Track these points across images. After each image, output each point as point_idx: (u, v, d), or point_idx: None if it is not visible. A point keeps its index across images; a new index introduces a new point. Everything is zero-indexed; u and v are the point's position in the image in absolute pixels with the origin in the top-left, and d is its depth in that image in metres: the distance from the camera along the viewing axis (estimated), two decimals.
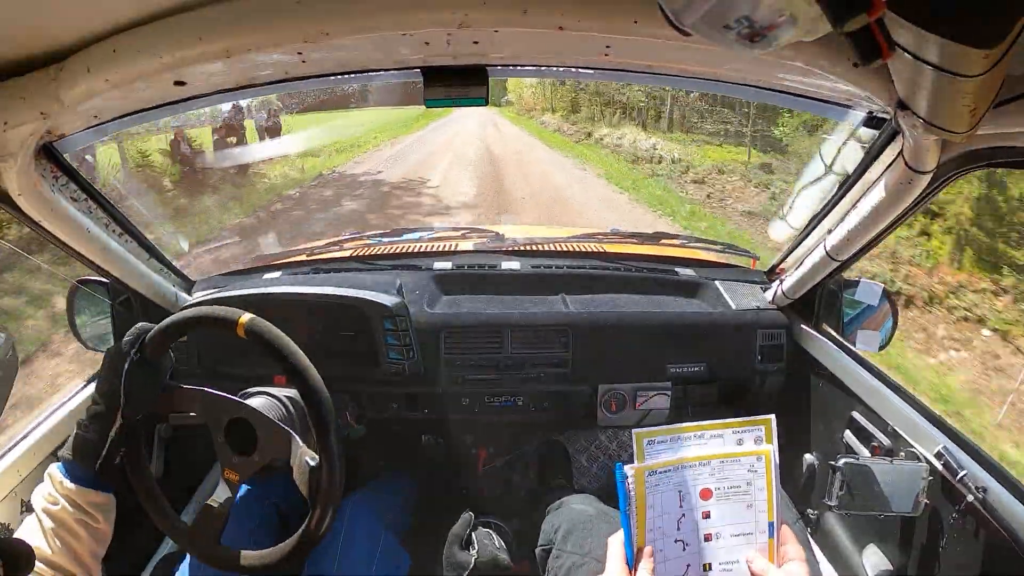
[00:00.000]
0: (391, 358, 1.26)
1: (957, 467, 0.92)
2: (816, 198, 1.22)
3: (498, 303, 1.39)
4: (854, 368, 1.21)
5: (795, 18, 0.28)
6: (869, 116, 0.88)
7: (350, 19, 0.57)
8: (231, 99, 0.91)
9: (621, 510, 0.62)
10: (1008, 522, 0.84)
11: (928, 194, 0.91)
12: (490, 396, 1.36)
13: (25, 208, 0.85)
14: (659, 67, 0.84)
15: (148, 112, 0.87)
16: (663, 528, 0.62)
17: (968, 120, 0.57)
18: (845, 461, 1.01)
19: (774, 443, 0.64)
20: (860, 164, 1.02)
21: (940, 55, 0.43)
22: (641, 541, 0.62)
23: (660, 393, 1.38)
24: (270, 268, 1.53)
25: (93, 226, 1.01)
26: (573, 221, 7.42)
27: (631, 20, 0.57)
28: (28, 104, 0.66)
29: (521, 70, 0.87)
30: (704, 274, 1.53)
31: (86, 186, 1.00)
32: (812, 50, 0.62)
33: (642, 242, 1.63)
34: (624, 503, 0.62)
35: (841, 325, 1.29)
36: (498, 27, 0.61)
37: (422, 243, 1.65)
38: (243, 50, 0.59)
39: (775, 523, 0.63)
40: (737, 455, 0.64)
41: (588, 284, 1.46)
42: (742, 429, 0.64)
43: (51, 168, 0.91)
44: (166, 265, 1.30)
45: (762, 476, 0.63)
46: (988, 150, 0.79)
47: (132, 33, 0.60)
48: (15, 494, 0.97)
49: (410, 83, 0.87)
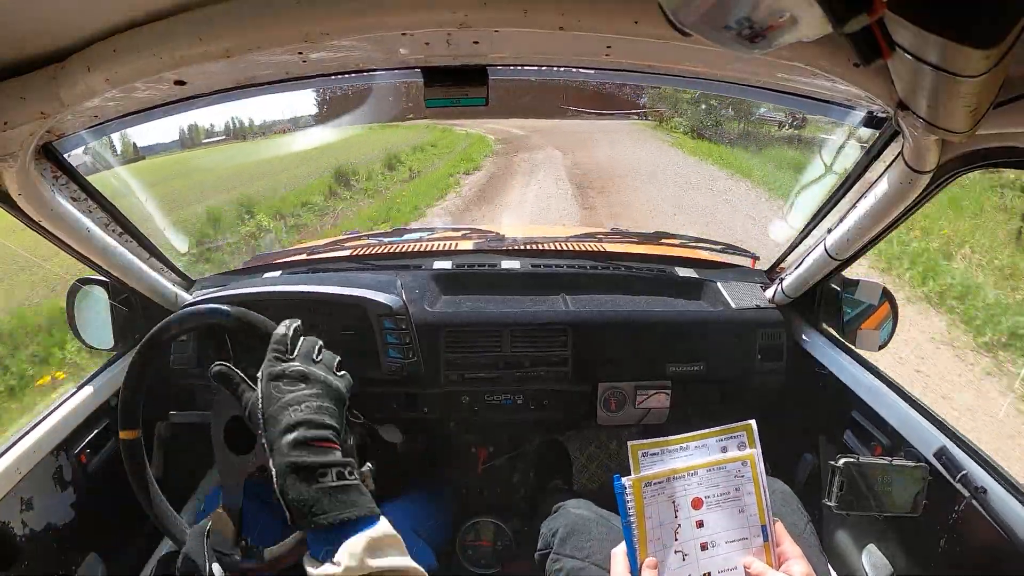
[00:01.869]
0: (391, 357, 1.27)
1: (957, 467, 0.92)
2: (816, 198, 1.22)
3: (498, 302, 1.39)
4: (854, 368, 1.21)
5: (795, 18, 0.28)
6: (869, 116, 0.88)
7: (350, 19, 0.57)
8: (231, 99, 0.91)
9: (623, 522, 0.63)
10: (1008, 522, 0.84)
11: (928, 194, 0.91)
12: (490, 395, 1.37)
13: (25, 208, 0.86)
14: (659, 67, 0.84)
15: (148, 112, 0.87)
16: (663, 539, 0.63)
17: (968, 120, 0.57)
18: (845, 461, 1.01)
19: (757, 447, 0.65)
20: (860, 164, 1.02)
21: (940, 55, 0.43)
22: (644, 553, 0.62)
23: (660, 392, 1.38)
24: (270, 267, 1.53)
25: (93, 226, 1.01)
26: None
27: (631, 20, 0.57)
28: (28, 104, 0.66)
29: (522, 70, 0.87)
30: (704, 274, 1.53)
31: (86, 186, 1.00)
32: (812, 50, 0.62)
33: (642, 242, 1.64)
34: (624, 515, 0.63)
35: (841, 325, 1.29)
36: (498, 27, 0.61)
37: (422, 243, 1.65)
38: (243, 50, 0.59)
39: (768, 525, 0.64)
40: (722, 462, 0.64)
41: (588, 284, 1.46)
42: (725, 436, 0.66)
43: (51, 168, 0.91)
44: (166, 264, 1.30)
45: (749, 480, 0.64)
46: (988, 150, 0.79)
47: (132, 33, 0.60)
48: (15, 494, 0.98)
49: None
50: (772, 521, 0.64)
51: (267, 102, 1.15)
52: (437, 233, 1.72)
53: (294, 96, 2.82)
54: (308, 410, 0.65)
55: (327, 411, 0.67)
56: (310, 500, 0.61)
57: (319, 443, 0.64)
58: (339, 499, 0.61)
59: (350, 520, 0.60)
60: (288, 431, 0.64)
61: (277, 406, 0.66)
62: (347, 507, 0.61)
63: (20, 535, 0.98)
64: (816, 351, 1.34)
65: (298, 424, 0.64)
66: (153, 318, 0.88)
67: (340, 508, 0.61)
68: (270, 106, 14.20)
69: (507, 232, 1.66)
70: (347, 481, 0.63)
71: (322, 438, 0.65)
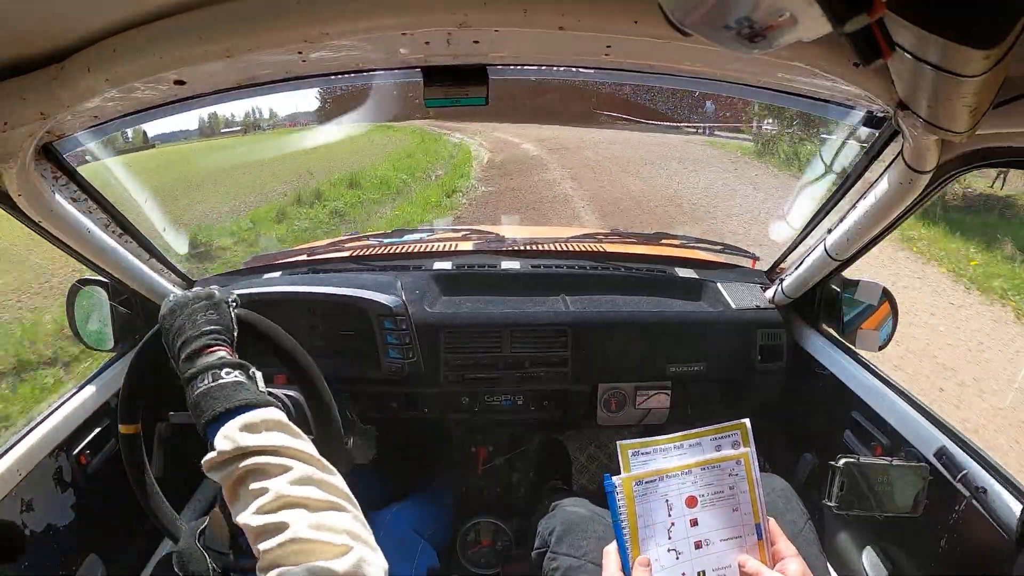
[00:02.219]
0: (391, 357, 1.27)
1: (957, 467, 0.92)
2: (816, 198, 1.22)
3: (498, 303, 1.39)
4: (854, 368, 1.21)
5: (795, 18, 0.28)
6: (869, 116, 0.88)
7: (350, 19, 0.57)
8: (232, 99, 0.91)
9: (614, 521, 0.63)
10: (1008, 522, 0.84)
11: (928, 194, 0.91)
12: (490, 395, 1.37)
13: (25, 208, 0.85)
14: (659, 67, 0.84)
15: (148, 112, 0.87)
16: (655, 538, 0.63)
17: (968, 120, 0.57)
18: (845, 461, 1.01)
19: (751, 446, 0.65)
20: (860, 164, 1.02)
21: (940, 55, 0.43)
22: (636, 551, 0.62)
23: (660, 392, 1.38)
24: (270, 268, 1.53)
25: (93, 226, 1.01)
26: None
27: (631, 20, 0.57)
28: (28, 104, 0.66)
29: (522, 70, 0.87)
30: (704, 274, 1.53)
31: (86, 186, 1.00)
32: (812, 50, 0.62)
33: (642, 242, 1.64)
34: (616, 514, 0.63)
35: (841, 325, 1.29)
36: (499, 27, 0.61)
37: (422, 243, 1.65)
38: (243, 50, 0.59)
39: (762, 524, 0.64)
40: (717, 461, 0.65)
41: (588, 284, 1.46)
42: (719, 435, 0.66)
43: (51, 168, 0.91)
44: (166, 265, 1.30)
45: (743, 479, 0.64)
46: (988, 150, 0.79)
47: (132, 33, 0.60)
48: (15, 494, 0.97)
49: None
50: (766, 520, 0.65)
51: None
52: (437, 234, 1.72)
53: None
54: (190, 326, 0.71)
55: (206, 320, 0.72)
56: (194, 405, 0.64)
57: (202, 351, 0.68)
58: (216, 396, 0.63)
59: (227, 411, 0.62)
60: (181, 348, 0.69)
61: (172, 337, 0.72)
62: (223, 401, 0.63)
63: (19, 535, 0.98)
64: (816, 351, 1.34)
65: (188, 340, 0.69)
66: (153, 318, 0.88)
67: (218, 403, 0.62)
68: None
69: (507, 233, 1.66)
70: (223, 380, 0.64)
71: (204, 344, 0.69)
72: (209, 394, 0.63)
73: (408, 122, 12.91)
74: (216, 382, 0.64)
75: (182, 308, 0.74)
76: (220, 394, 0.63)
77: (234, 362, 0.68)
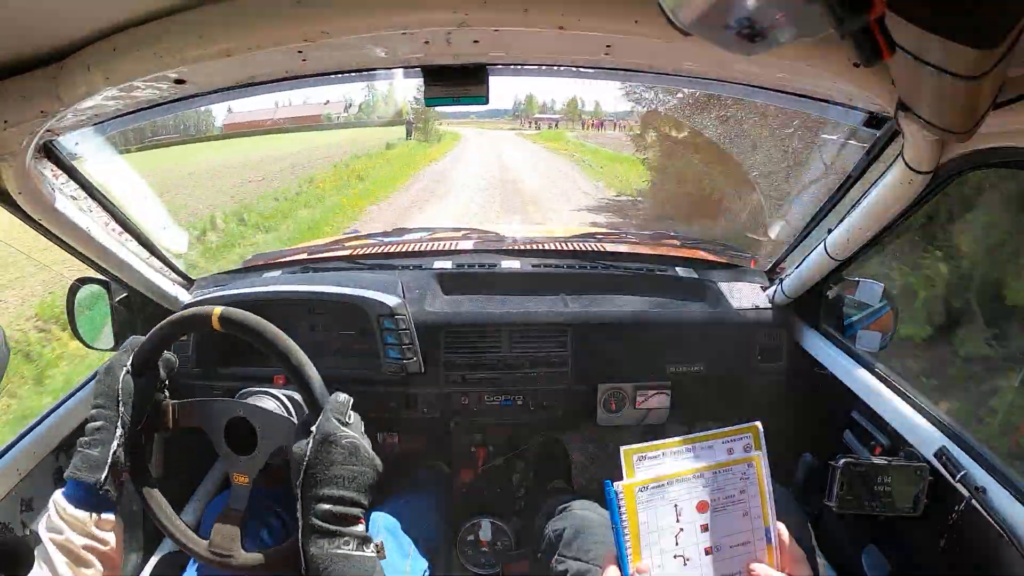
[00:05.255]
0: (391, 357, 1.26)
1: (957, 467, 0.92)
2: (816, 198, 1.22)
3: (498, 302, 1.39)
4: (854, 368, 1.21)
5: (795, 18, 0.28)
6: (869, 116, 0.88)
7: (350, 18, 0.57)
8: (231, 98, 0.91)
9: (615, 528, 0.62)
10: (1008, 522, 0.84)
11: (928, 194, 0.91)
12: (490, 395, 1.36)
13: (25, 207, 0.85)
14: (659, 67, 0.84)
15: (148, 111, 0.87)
16: (660, 544, 0.61)
17: (968, 120, 0.57)
18: (845, 461, 1.01)
19: (763, 449, 0.64)
20: (860, 164, 1.02)
21: (940, 55, 0.43)
22: (637, 559, 0.61)
23: (660, 392, 1.38)
24: (270, 267, 1.53)
25: (93, 225, 1.01)
26: None
27: (631, 20, 0.57)
28: (28, 103, 0.66)
29: (522, 69, 0.87)
30: (704, 274, 1.53)
31: (86, 185, 1.00)
32: (812, 50, 0.62)
33: (642, 242, 1.64)
34: (617, 521, 0.61)
35: (841, 325, 1.29)
36: (499, 26, 0.61)
37: (422, 243, 1.65)
38: (243, 49, 0.59)
39: (772, 528, 0.63)
40: (728, 464, 0.64)
41: (588, 284, 1.46)
42: (731, 438, 0.65)
43: (51, 167, 0.91)
44: (166, 264, 1.30)
45: (755, 483, 0.63)
46: (988, 150, 0.79)
47: (132, 32, 0.60)
48: (15, 494, 0.97)
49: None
50: (776, 524, 0.64)
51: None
52: (437, 233, 1.72)
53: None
54: (351, 487, 0.73)
55: (364, 490, 0.75)
56: (325, 559, 0.70)
57: (348, 518, 0.73)
58: (350, 565, 0.71)
59: None
60: (324, 500, 0.72)
61: (321, 468, 0.73)
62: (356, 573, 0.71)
63: (20, 536, 0.98)
64: (816, 351, 1.34)
65: (335, 499, 0.72)
66: (153, 318, 0.88)
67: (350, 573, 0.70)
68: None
69: (507, 232, 1.66)
70: (364, 552, 0.72)
71: (352, 515, 0.73)
72: (348, 562, 0.71)
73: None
74: (358, 552, 0.72)
75: (359, 456, 0.76)
76: (356, 567, 0.71)
77: (370, 538, 0.75)
